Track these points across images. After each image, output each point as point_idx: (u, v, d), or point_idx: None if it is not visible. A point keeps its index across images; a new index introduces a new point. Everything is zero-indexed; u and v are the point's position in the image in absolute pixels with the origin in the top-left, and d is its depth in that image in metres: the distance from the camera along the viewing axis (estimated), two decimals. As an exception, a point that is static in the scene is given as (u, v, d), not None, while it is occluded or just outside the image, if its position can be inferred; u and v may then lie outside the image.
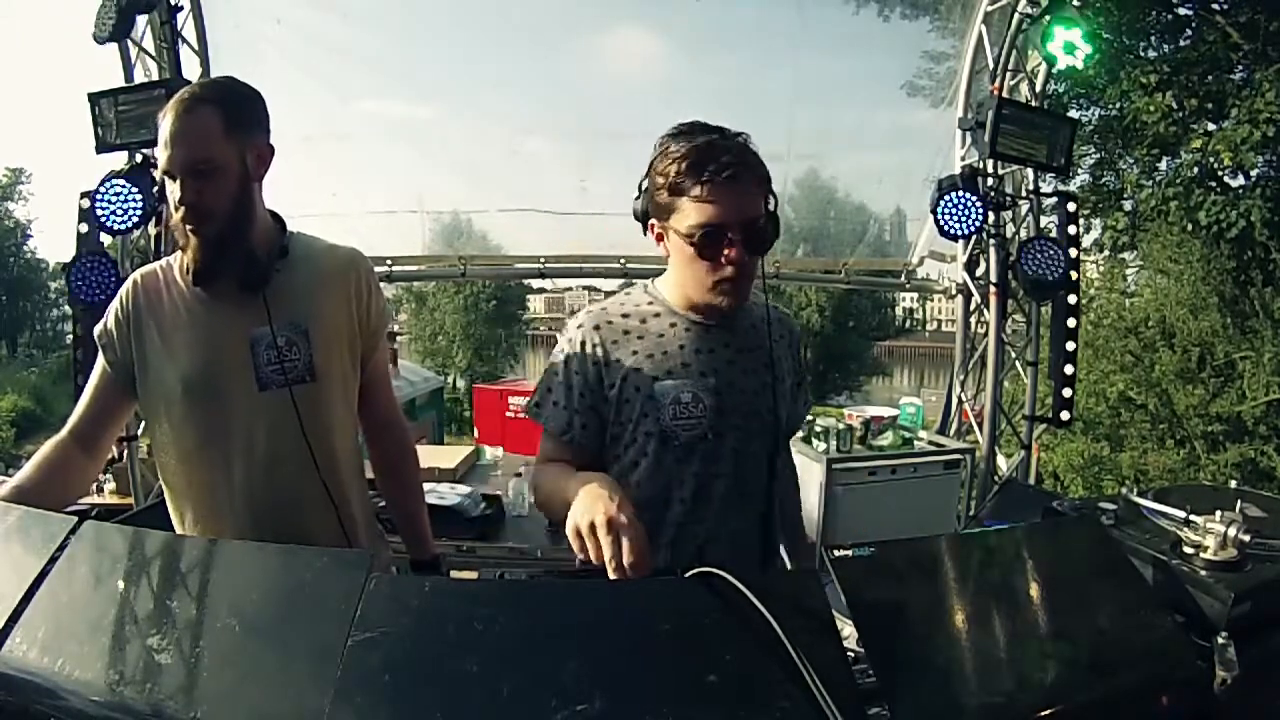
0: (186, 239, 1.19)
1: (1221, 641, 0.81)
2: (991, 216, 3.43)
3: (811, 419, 3.39)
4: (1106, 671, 0.79)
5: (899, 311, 23.04)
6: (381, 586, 0.73)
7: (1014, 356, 3.77)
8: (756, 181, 1.14)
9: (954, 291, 4.04)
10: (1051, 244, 3.36)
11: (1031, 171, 3.55)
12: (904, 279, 4.23)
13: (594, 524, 0.90)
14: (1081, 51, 3.13)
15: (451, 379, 17.67)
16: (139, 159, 2.88)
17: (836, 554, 0.78)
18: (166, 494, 1.31)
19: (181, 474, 1.26)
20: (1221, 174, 7.17)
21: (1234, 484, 1.24)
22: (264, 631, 0.73)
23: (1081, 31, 3.11)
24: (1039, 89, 3.58)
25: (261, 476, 1.24)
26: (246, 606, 0.75)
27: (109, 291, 2.73)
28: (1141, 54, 7.67)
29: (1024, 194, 3.64)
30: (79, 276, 2.80)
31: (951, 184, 3.27)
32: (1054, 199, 3.60)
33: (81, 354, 2.88)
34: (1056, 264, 3.32)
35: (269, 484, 1.24)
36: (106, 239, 2.94)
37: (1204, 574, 0.88)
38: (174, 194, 1.16)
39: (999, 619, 0.81)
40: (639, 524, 0.91)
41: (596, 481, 0.97)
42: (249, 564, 0.84)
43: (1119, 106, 7.75)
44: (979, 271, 3.89)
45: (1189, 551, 0.91)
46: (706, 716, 0.67)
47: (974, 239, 3.74)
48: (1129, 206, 8.15)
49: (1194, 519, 0.92)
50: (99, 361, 1.28)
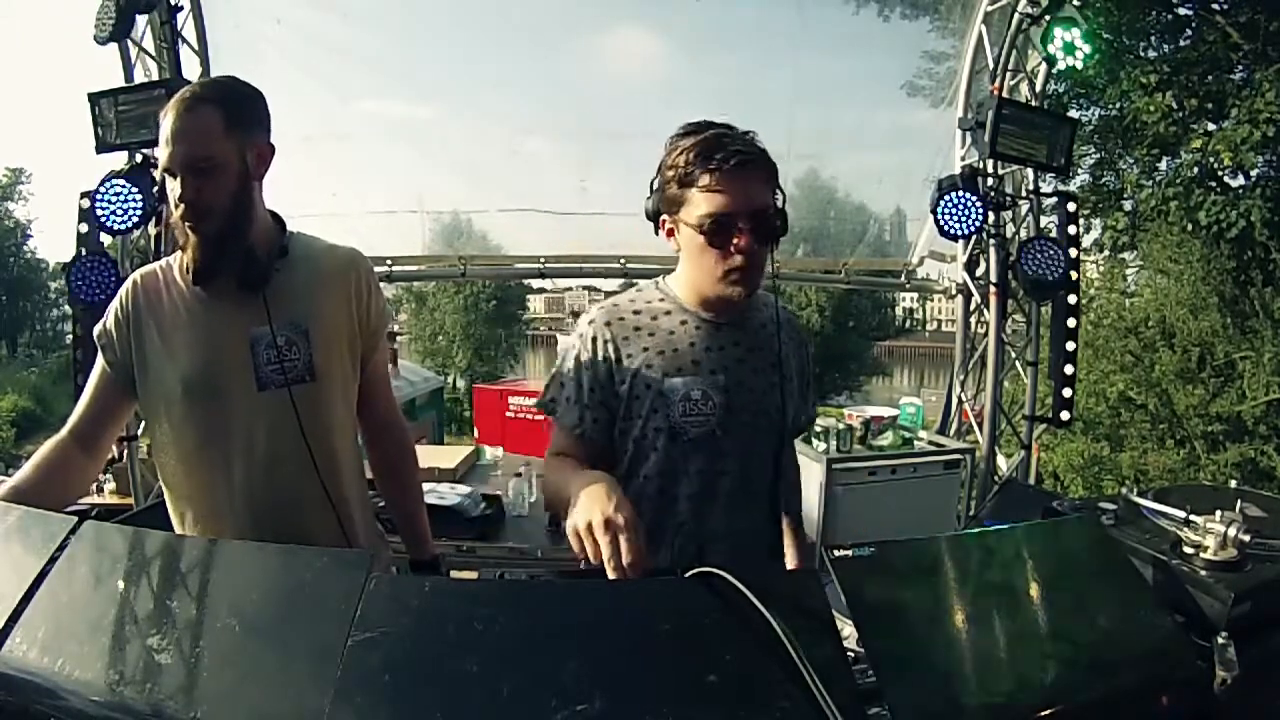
0: (186, 237, 1.19)
1: (1221, 641, 0.81)
2: (991, 216, 3.43)
3: (811, 419, 3.38)
4: (1106, 671, 0.79)
5: (899, 311, 23.02)
6: (381, 586, 0.73)
7: (1014, 356, 3.77)
8: (764, 172, 1.16)
9: (954, 291, 4.04)
10: (1051, 244, 3.36)
11: (1031, 171, 3.55)
12: (904, 279, 4.24)
13: (592, 524, 0.91)
14: (1081, 51, 3.14)
15: (451, 379, 17.65)
16: (139, 159, 2.88)
17: (836, 554, 0.78)
18: (166, 494, 1.31)
19: (181, 474, 1.26)
20: (1221, 174, 7.17)
21: (1234, 484, 1.24)
22: (264, 631, 0.73)
23: (1081, 32, 3.12)
24: (1039, 89, 3.58)
25: (261, 476, 1.24)
26: (246, 606, 0.75)
27: (109, 291, 2.73)
28: (1141, 54, 7.67)
29: (1024, 194, 3.64)
30: (79, 276, 2.81)
31: (951, 184, 3.27)
32: (1054, 199, 3.60)
33: (81, 354, 2.88)
34: (1056, 264, 3.32)
35: (269, 484, 1.24)
36: (106, 239, 2.95)
37: (1204, 574, 0.88)
38: (174, 191, 1.17)
39: (999, 619, 0.81)
40: (637, 524, 0.91)
41: (597, 483, 0.97)
42: (249, 564, 0.84)
43: (1119, 106, 7.75)
44: (979, 271, 3.89)
45: (1189, 551, 0.91)
46: (706, 716, 0.67)
47: (974, 239, 3.74)
48: (1129, 206, 8.15)
49: (1194, 519, 0.93)
50: (99, 362, 1.28)
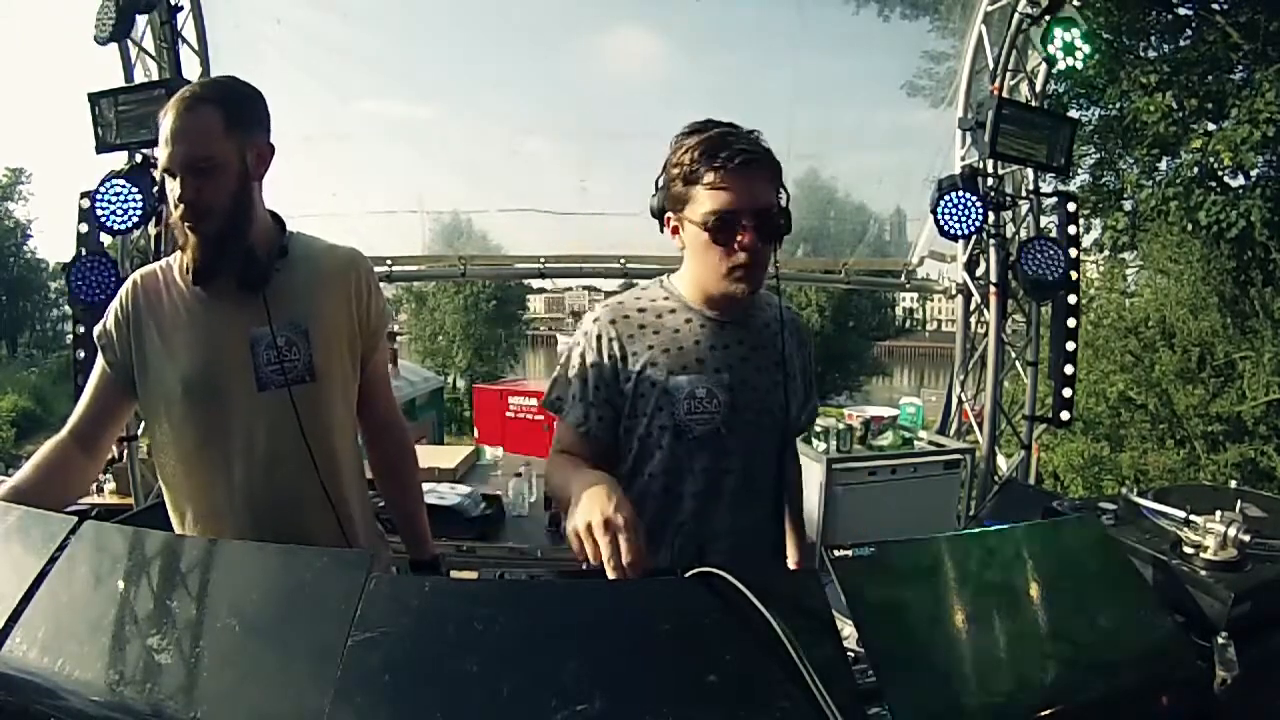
0: (186, 237, 1.19)
1: (1221, 641, 0.81)
2: (991, 216, 3.43)
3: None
4: (1106, 671, 0.79)
5: (899, 311, 23.02)
6: (381, 586, 0.73)
7: (1014, 356, 3.77)
8: (769, 171, 1.17)
9: (954, 291, 4.04)
10: (1051, 244, 3.36)
11: (1031, 171, 3.54)
12: (904, 279, 4.23)
13: (591, 525, 0.91)
14: (1081, 51, 3.14)
15: (451, 379, 17.65)
16: (139, 159, 2.88)
17: (836, 554, 0.78)
18: (166, 494, 1.31)
19: (181, 474, 1.26)
20: (1221, 174, 7.17)
21: (1234, 484, 1.24)
22: (264, 631, 0.73)
23: (1081, 32, 3.12)
24: (1039, 89, 3.58)
25: (261, 476, 1.24)
26: (246, 606, 0.75)
27: (109, 291, 2.73)
28: (1141, 54, 7.67)
29: (1024, 194, 3.63)
30: (79, 276, 2.81)
31: (951, 184, 3.27)
32: (1054, 199, 3.60)
33: (81, 354, 2.88)
34: (1056, 264, 3.32)
35: (269, 484, 1.24)
36: (106, 239, 2.94)
37: (1204, 574, 0.88)
38: (174, 192, 1.16)
39: (999, 619, 0.81)
40: (637, 524, 0.91)
41: (597, 484, 0.98)
42: (249, 564, 0.84)
43: (1119, 106, 7.75)
44: (979, 271, 3.89)
45: (1189, 551, 0.91)
46: (706, 716, 0.67)
47: (974, 239, 3.74)
48: (1129, 206, 8.14)
49: (1194, 519, 0.93)
50: (99, 362, 1.28)
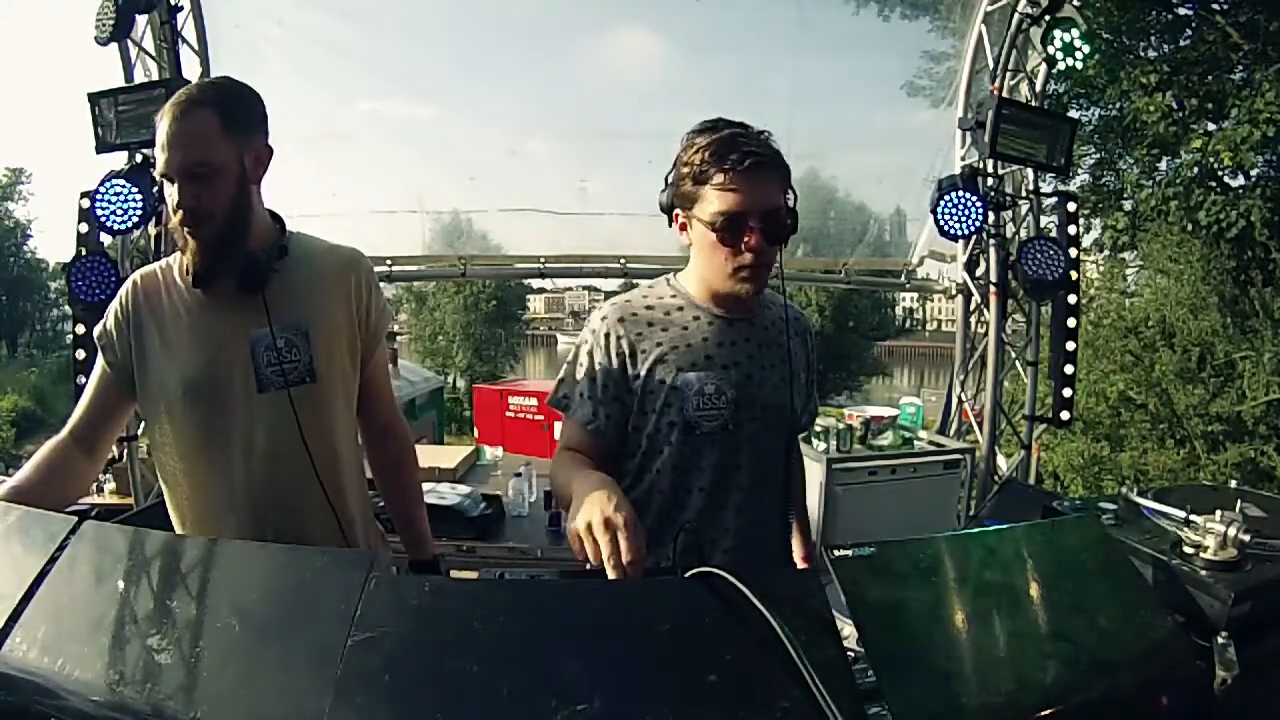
0: (185, 241, 1.19)
1: (1221, 641, 0.81)
2: (991, 216, 3.43)
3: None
4: (1106, 671, 0.79)
5: (899, 311, 23.06)
6: (381, 586, 0.73)
7: (1014, 356, 3.77)
8: (777, 173, 1.19)
9: (954, 291, 4.04)
10: (1051, 244, 3.36)
11: (1031, 171, 3.55)
12: (904, 279, 4.24)
13: (592, 525, 0.91)
14: (1080, 52, 3.14)
15: (451, 379, 17.66)
16: (139, 159, 2.88)
17: (836, 554, 0.78)
18: (166, 494, 1.31)
19: (181, 474, 1.26)
20: (1221, 174, 7.17)
21: (1234, 484, 1.24)
22: (264, 631, 0.73)
23: (1080, 32, 3.12)
24: (1039, 89, 3.58)
25: (261, 477, 1.24)
26: (246, 606, 0.75)
27: (109, 291, 2.73)
28: (1141, 54, 7.67)
29: (1024, 194, 3.64)
30: (79, 276, 2.81)
31: (951, 184, 3.27)
32: (1054, 199, 3.61)
33: (81, 354, 2.88)
34: (1056, 264, 3.32)
35: (269, 484, 1.24)
36: (106, 239, 2.95)
37: (1204, 574, 0.88)
38: (172, 197, 1.16)
39: (999, 619, 0.81)
40: (637, 524, 0.92)
41: (598, 486, 0.98)
42: (249, 564, 0.84)
43: (1119, 106, 7.76)
44: (979, 271, 3.89)
45: (1189, 551, 0.91)
46: (706, 716, 0.67)
47: (974, 239, 3.74)
48: (1129, 206, 8.15)
49: (1194, 519, 0.92)
50: (99, 362, 1.28)
